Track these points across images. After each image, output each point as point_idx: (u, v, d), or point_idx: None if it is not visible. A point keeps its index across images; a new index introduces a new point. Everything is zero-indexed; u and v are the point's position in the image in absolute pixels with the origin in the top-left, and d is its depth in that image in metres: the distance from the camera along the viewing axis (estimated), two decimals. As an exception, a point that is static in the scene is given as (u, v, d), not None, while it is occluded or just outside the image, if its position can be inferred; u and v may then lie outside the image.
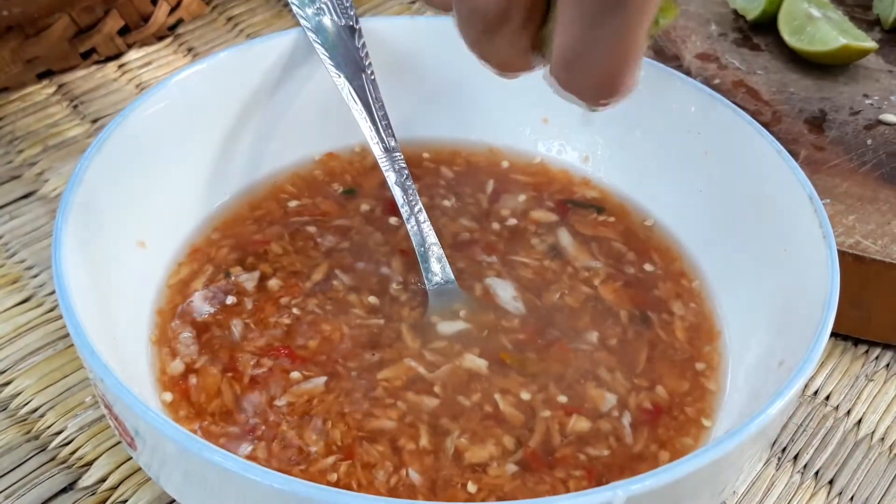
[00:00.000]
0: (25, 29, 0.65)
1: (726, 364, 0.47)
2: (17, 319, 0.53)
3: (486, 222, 0.53)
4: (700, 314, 0.49)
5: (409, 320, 0.47)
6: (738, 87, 0.63)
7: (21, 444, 0.48)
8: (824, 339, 0.40)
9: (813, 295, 0.42)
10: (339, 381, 0.44)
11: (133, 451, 0.39)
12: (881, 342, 0.55)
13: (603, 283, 0.50)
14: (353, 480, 0.41)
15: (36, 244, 0.58)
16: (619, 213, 0.54)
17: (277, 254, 0.50)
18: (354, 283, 0.49)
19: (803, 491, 0.48)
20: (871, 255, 0.51)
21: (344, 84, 0.52)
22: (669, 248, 0.52)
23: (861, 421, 0.51)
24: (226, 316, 0.47)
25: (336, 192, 0.54)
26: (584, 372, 0.46)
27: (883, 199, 0.55)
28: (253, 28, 0.75)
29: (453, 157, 0.57)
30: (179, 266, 0.49)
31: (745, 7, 0.69)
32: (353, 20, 0.54)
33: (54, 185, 0.61)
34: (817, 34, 0.64)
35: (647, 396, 0.45)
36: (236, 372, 0.45)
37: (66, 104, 0.67)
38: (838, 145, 0.59)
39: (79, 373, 0.51)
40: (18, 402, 0.50)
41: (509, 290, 0.49)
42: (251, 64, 0.53)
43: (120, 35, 0.70)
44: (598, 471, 0.42)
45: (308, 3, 0.54)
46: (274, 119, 0.55)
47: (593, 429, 0.44)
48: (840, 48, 0.63)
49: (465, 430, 0.43)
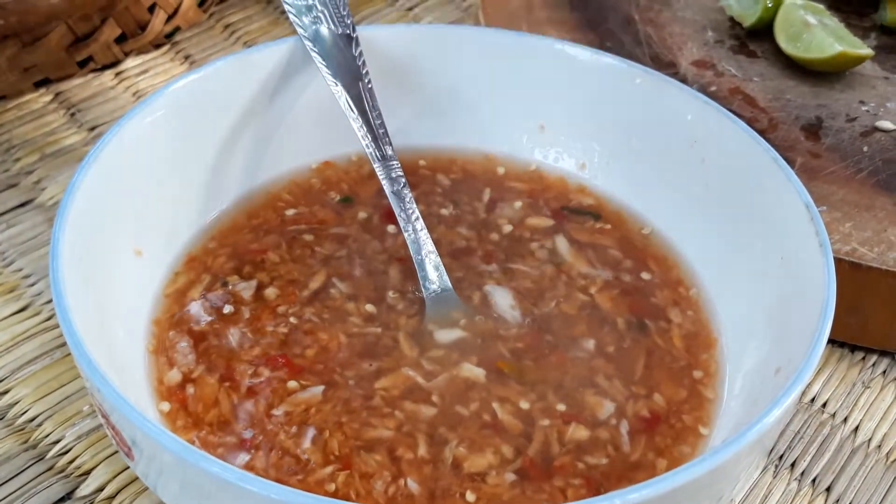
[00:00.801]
0: (22, 37, 0.65)
1: (724, 372, 0.47)
2: (15, 328, 0.53)
3: (483, 230, 0.53)
4: (697, 322, 0.49)
5: (407, 329, 0.47)
6: (734, 95, 0.63)
7: (19, 453, 0.48)
8: (821, 346, 0.40)
9: (810, 302, 0.42)
10: (336, 390, 0.44)
11: (130, 460, 0.39)
12: (878, 349, 0.55)
13: (600, 291, 0.50)
14: (352, 490, 0.41)
15: (33, 253, 0.58)
16: (616, 220, 0.54)
17: (274, 262, 0.50)
18: (352, 292, 0.49)
19: (801, 498, 0.48)
20: (867, 263, 0.52)
21: (341, 92, 0.52)
22: (666, 255, 0.52)
23: (858, 428, 0.51)
24: (223, 325, 0.47)
25: (333, 200, 0.54)
26: (581, 380, 0.46)
27: (879, 207, 0.55)
28: (250, 36, 0.76)
29: (449, 165, 0.57)
30: (176, 275, 0.49)
31: (741, 14, 0.69)
32: (350, 28, 0.54)
33: (51, 194, 0.61)
34: (814, 41, 0.64)
35: (644, 404, 0.45)
36: (233, 381, 0.45)
37: (64, 112, 0.67)
38: (835, 152, 0.59)
39: (76, 382, 0.51)
40: (16, 411, 0.50)
41: (507, 298, 0.49)
42: (248, 72, 0.53)
43: (117, 43, 0.70)
44: (597, 479, 0.42)
45: (305, 12, 0.54)
46: (271, 127, 0.55)
47: (591, 437, 0.44)
48: (837, 55, 0.63)
49: (463, 439, 0.43)
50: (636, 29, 0.68)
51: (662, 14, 0.70)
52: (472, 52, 0.56)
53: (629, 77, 0.54)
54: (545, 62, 0.56)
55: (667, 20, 0.69)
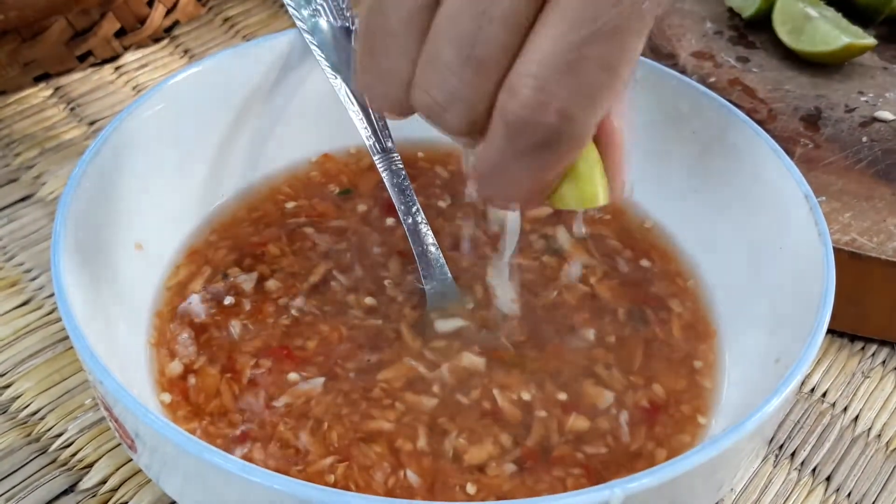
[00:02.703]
0: (22, 32, 0.65)
1: (723, 361, 0.47)
2: (17, 322, 0.53)
3: (482, 221, 0.53)
4: (696, 312, 0.49)
5: (408, 321, 0.48)
6: (733, 85, 0.63)
7: (22, 446, 0.48)
8: (820, 336, 0.40)
9: (809, 292, 0.42)
10: (337, 381, 0.45)
11: (133, 453, 0.39)
12: (878, 339, 0.55)
13: (599, 281, 0.50)
14: (351, 482, 0.41)
15: (34, 247, 0.58)
16: (615, 211, 0.54)
17: (275, 255, 0.51)
18: (352, 284, 0.49)
19: (801, 488, 0.48)
20: (866, 253, 0.52)
21: (340, 85, 0.52)
22: (665, 246, 0.52)
23: (858, 417, 0.52)
24: (224, 317, 0.47)
25: (332, 193, 0.55)
26: (581, 369, 0.46)
27: (878, 197, 0.55)
28: (249, 29, 0.76)
29: (448, 157, 0.57)
30: (177, 268, 0.50)
31: (740, 5, 0.69)
32: (349, 21, 0.54)
33: (52, 188, 0.61)
34: (818, 34, 0.64)
35: (644, 394, 0.45)
36: (235, 373, 0.45)
37: (63, 107, 0.67)
38: (834, 143, 0.59)
39: (79, 375, 0.51)
40: (19, 404, 0.50)
41: (507, 289, 0.50)
42: (247, 66, 0.53)
43: (116, 37, 0.70)
44: (596, 469, 0.42)
45: (304, 5, 0.54)
46: (270, 120, 0.55)
47: (591, 427, 0.44)
48: (843, 47, 0.63)
49: (463, 430, 0.43)
50: (635, 20, 0.68)
51: (661, 5, 0.70)
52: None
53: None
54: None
55: (666, 11, 0.69)
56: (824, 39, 0.63)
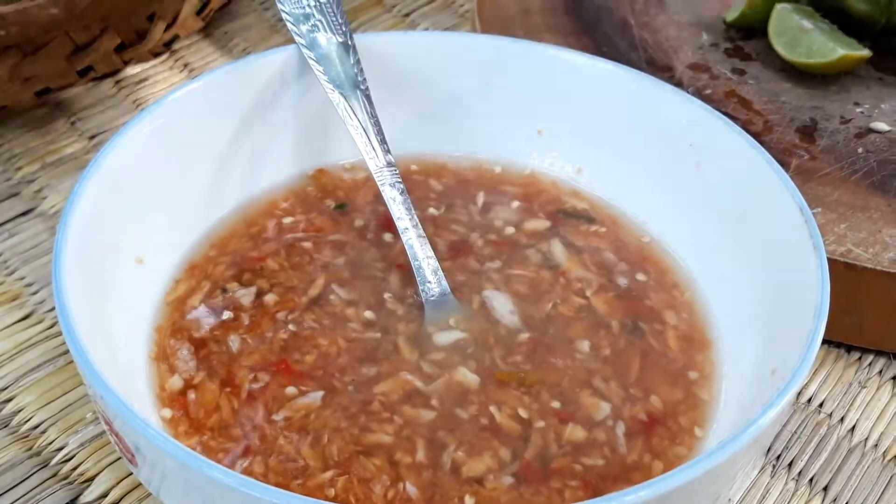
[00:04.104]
0: (23, 48, 0.65)
1: (719, 373, 0.47)
2: (18, 336, 0.54)
3: (479, 234, 0.54)
4: (692, 324, 0.50)
5: (406, 333, 0.48)
6: (729, 97, 0.64)
7: (23, 460, 0.48)
8: (816, 346, 0.40)
9: (804, 303, 0.43)
10: (335, 395, 0.45)
11: (134, 467, 0.39)
12: (873, 349, 0.55)
13: (595, 293, 0.51)
14: (351, 495, 0.41)
15: (35, 261, 0.58)
16: (611, 224, 0.55)
17: (273, 269, 0.51)
18: (351, 298, 0.50)
19: (798, 498, 0.49)
20: (862, 263, 0.52)
21: (339, 100, 0.53)
22: (661, 258, 0.53)
23: (854, 427, 0.52)
24: (223, 331, 0.48)
25: (329, 207, 0.55)
26: (578, 382, 0.46)
27: (874, 208, 0.56)
28: (248, 44, 0.76)
29: (443, 171, 0.57)
30: (177, 283, 0.50)
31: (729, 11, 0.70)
32: (348, 36, 0.55)
33: (53, 202, 0.62)
34: (813, 46, 0.64)
35: (640, 406, 0.46)
36: (234, 387, 0.45)
37: (64, 121, 0.68)
38: (829, 154, 0.59)
39: (79, 389, 0.51)
40: (20, 418, 0.50)
41: (505, 302, 0.50)
42: (247, 80, 0.54)
43: (116, 52, 0.70)
44: (594, 481, 0.42)
45: (302, 20, 0.54)
46: (269, 135, 0.55)
47: (588, 438, 0.44)
48: (839, 59, 0.63)
49: (461, 443, 0.43)
50: (632, 33, 0.69)
51: (658, 18, 0.70)
52: (468, 58, 0.57)
53: (624, 82, 0.54)
54: (541, 68, 0.56)
55: (662, 24, 0.70)
56: (820, 51, 0.64)
